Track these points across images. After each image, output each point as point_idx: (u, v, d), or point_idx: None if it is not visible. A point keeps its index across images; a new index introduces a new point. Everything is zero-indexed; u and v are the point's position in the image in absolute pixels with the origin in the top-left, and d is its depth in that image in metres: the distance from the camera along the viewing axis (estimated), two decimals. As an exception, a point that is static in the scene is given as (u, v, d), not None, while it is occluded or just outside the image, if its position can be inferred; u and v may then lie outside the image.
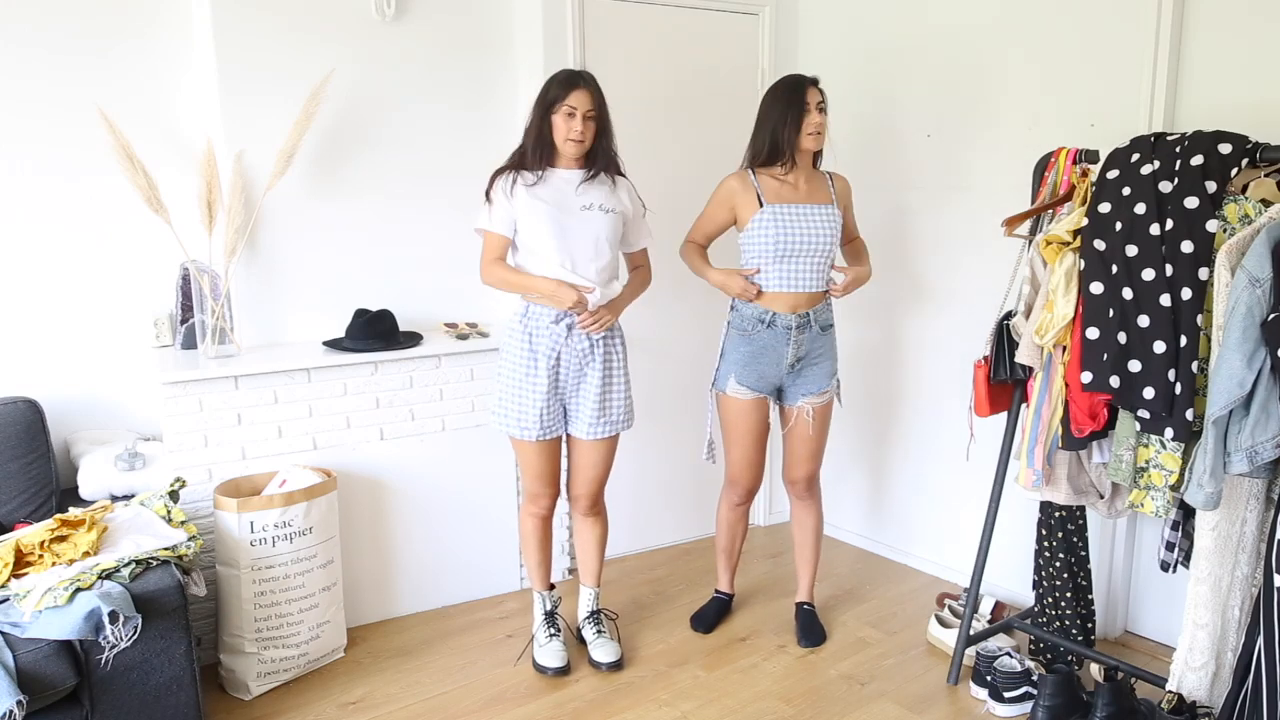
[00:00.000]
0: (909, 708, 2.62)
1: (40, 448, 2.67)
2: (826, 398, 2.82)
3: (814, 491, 2.98)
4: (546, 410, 2.64)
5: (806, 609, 3.04)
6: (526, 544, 2.89)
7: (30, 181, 2.85)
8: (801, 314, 2.72)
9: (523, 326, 2.64)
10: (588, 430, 2.69)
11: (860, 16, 3.51)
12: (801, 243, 2.68)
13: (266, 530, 2.63)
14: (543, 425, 2.65)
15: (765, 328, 2.73)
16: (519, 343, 2.63)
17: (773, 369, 2.76)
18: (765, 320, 2.72)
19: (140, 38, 2.94)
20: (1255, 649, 1.99)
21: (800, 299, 2.72)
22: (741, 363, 2.77)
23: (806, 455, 2.88)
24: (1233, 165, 2.07)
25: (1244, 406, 1.94)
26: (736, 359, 2.77)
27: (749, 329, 2.74)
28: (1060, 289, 2.30)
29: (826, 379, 2.80)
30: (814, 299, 2.74)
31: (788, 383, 2.81)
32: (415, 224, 3.27)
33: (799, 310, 2.72)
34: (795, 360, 2.75)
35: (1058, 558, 2.67)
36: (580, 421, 2.69)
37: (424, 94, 3.24)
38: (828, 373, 2.80)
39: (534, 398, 2.62)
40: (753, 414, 2.82)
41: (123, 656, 2.12)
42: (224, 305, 2.90)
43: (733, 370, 2.78)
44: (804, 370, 2.78)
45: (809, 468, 2.90)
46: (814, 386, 2.79)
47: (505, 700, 2.67)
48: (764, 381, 2.78)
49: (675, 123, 3.53)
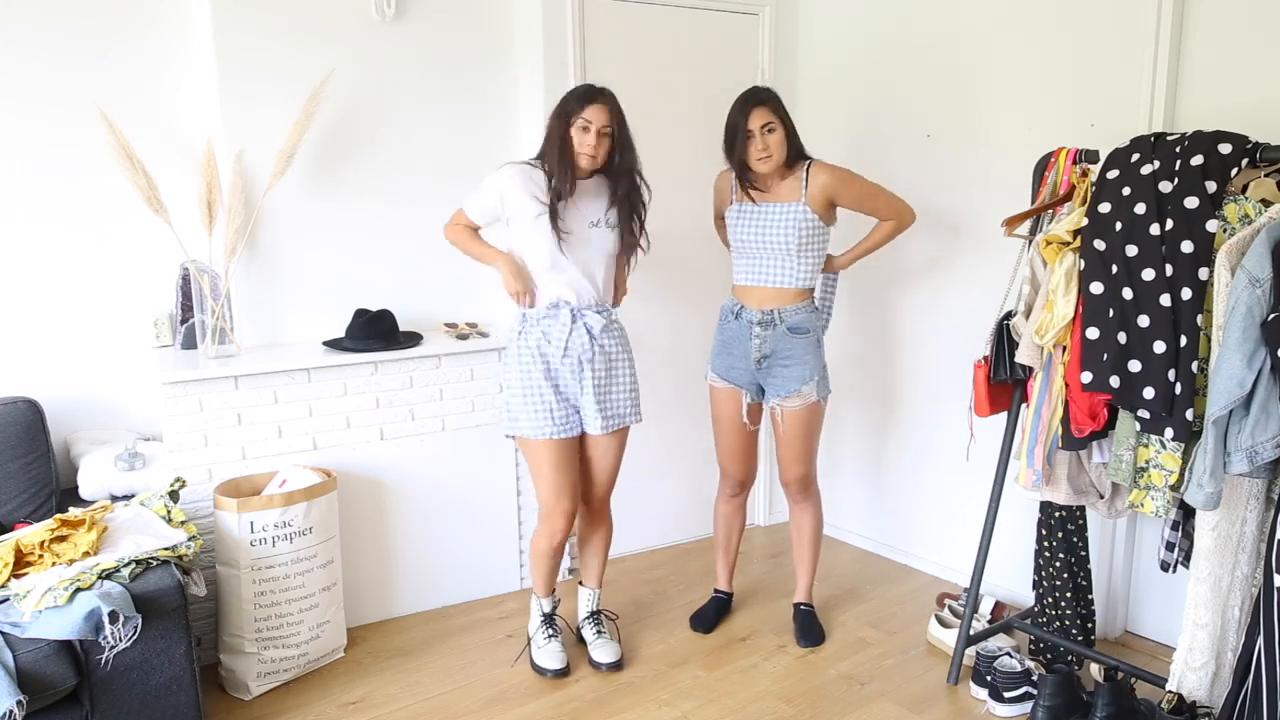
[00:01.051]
0: (909, 708, 2.62)
1: (40, 448, 2.67)
2: (798, 403, 2.79)
3: (808, 494, 2.97)
4: (557, 406, 2.63)
5: (805, 609, 3.04)
6: (537, 563, 2.82)
7: (30, 181, 2.85)
8: (766, 310, 2.75)
9: (523, 328, 2.65)
10: (594, 423, 2.68)
11: (860, 16, 3.51)
12: (757, 240, 2.74)
13: (266, 530, 2.63)
14: (555, 421, 2.63)
15: (734, 319, 2.83)
16: (520, 345, 2.65)
17: (741, 362, 2.82)
18: (735, 312, 2.83)
19: (140, 38, 2.94)
20: (1255, 649, 1.99)
21: (766, 295, 2.76)
22: (716, 351, 2.89)
23: (790, 459, 2.88)
24: (1233, 165, 2.07)
25: (1244, 406, 1.93)
26: (715, 347, 2.90)
27: (723, 319, 2.87)
28: (1060, 289, 2.30)
29: (796, 383, 2.77)
30: (781, 297, 2.75)
31: (761, 380, 2.83)
32: (415, 224, 3.27)
33: (765, 306, 2.76)
34: (760, 357, 2.78)
35: (1058, 558, 2.67)
36: (588, 416, 2.69)
37: (424, 94, 3.24)
38: (798, 377, 2.77)
39: (544, 394, 2.62)
40: (726, 403, 2.89)
41: (123, 656, 2.12)
42: (224, 305, 2.90)
43: (711, 358, 2.91)
44: (773, 370, 2.79)
45: (796, 470, 2.90)
46: (782, 389, 2.79)
47: (505, 700, 2.67)
48: (734, 373, 2.84)
49: (675, 123, 3.53)
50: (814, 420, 2.85)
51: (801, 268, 2.74)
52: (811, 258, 2.75)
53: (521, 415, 2.64)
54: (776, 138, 2.67)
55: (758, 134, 2.65)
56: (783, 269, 2.74)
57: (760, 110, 2.65)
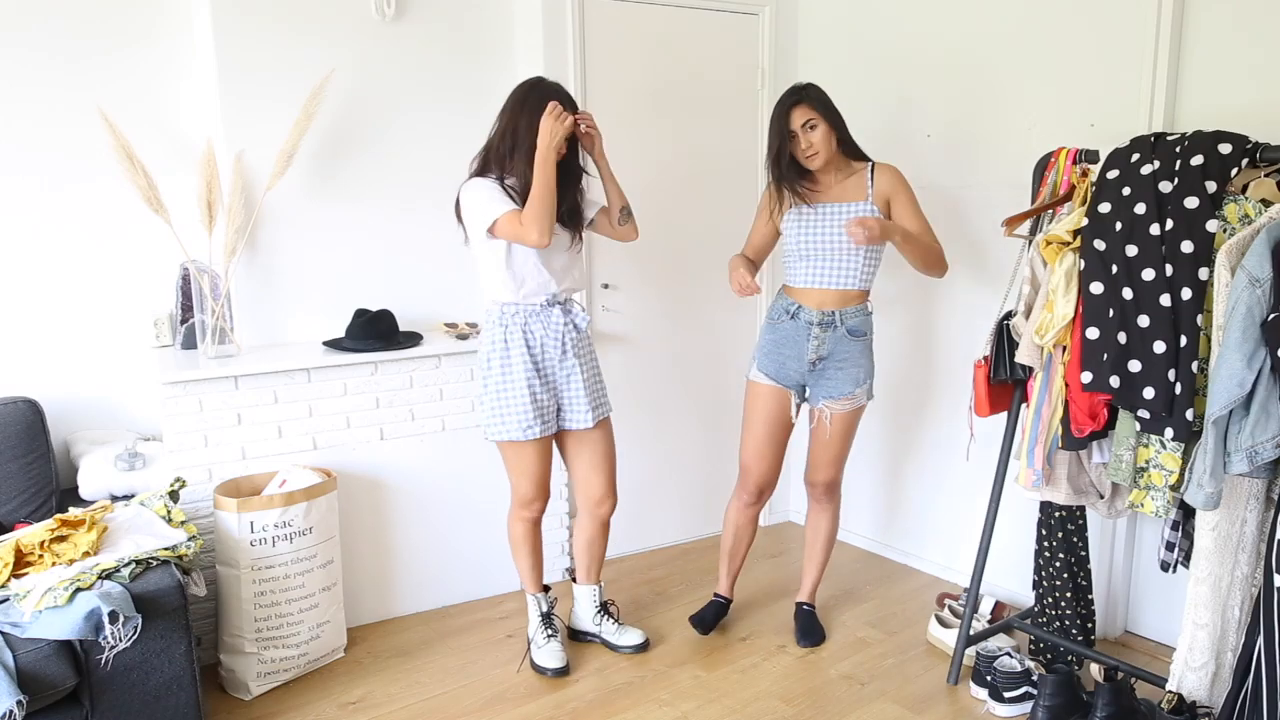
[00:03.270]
0: (909, 708, 2.62)
1: (40, 448, 2.67)
2: (848, 405, 2.78)
3: (833, 497, 2.98)
4: (541, 403, 2.63)
5: (806, 609, 3.04)
6: (518, 549, 2.86)
7: (31, 182, 2.85)
8: (826, 311, 2.71)
9: (499, 323, 2.62)
10: (584, 417, 2.69)
11: (860, 16, 3.51)
12: (821, 242, 2.69)
13: (266, 530, 2.63)
14: (542, 420, 2.64)
15: (789, 319, 2.76)
16: (495, 344, 2.62)
17: (794, 362, 2.77)
18: (790, 312, 2.76)
19: (141, 40, 2.94)
20: (1255, 649, 1.99)
21: (826, 296, 2.72)
22: (765, 350, 2.82)
23: (827, 460, 2.87)
24: (1233, 165, 2.07)
25: (1244, 406, 1.93)
26: (763, 346, 2.83)
27: (775, 318, 2.80)
28: (1060, 289, 2.30)
29: (850, 385, 2.76)
30: (843, 299, 2.72)
31: (810, 381, 2.80)
32: (415, 224, 3.27)
33: (825, 308, 2.72)
34: (816, 358, 2.74)
35: (1058, 558, 2.67)
36: (578, 410, 2.69)
37: (424, 94, 3.24)
38: (852, 379, 2.76)
39: (528, 392, 2.61)
40: (769, 402, 2.83)
41: (123, 656, 2.12)
42: (224, 305, 2.90)
43: (758, 356, 2.84)
44: (826, 371, 2.76)
45: (828, 473, 2.90)
46: (835, 390, 2.77)
47: (505, 700, 2.67)
48: (784, 373, 2.79)
49: (675, 123, 3.53)
50: (856, 423, 2.85)
51: (866, 268, 2.70)
52: (874, 258, 2.72)
53: (507, 417, 2.62)
54: (819, 133, 2.63)
55: (800, 132, 2.63)
56: (847, 270, 2.69)
57: (800, 109, 2.63)
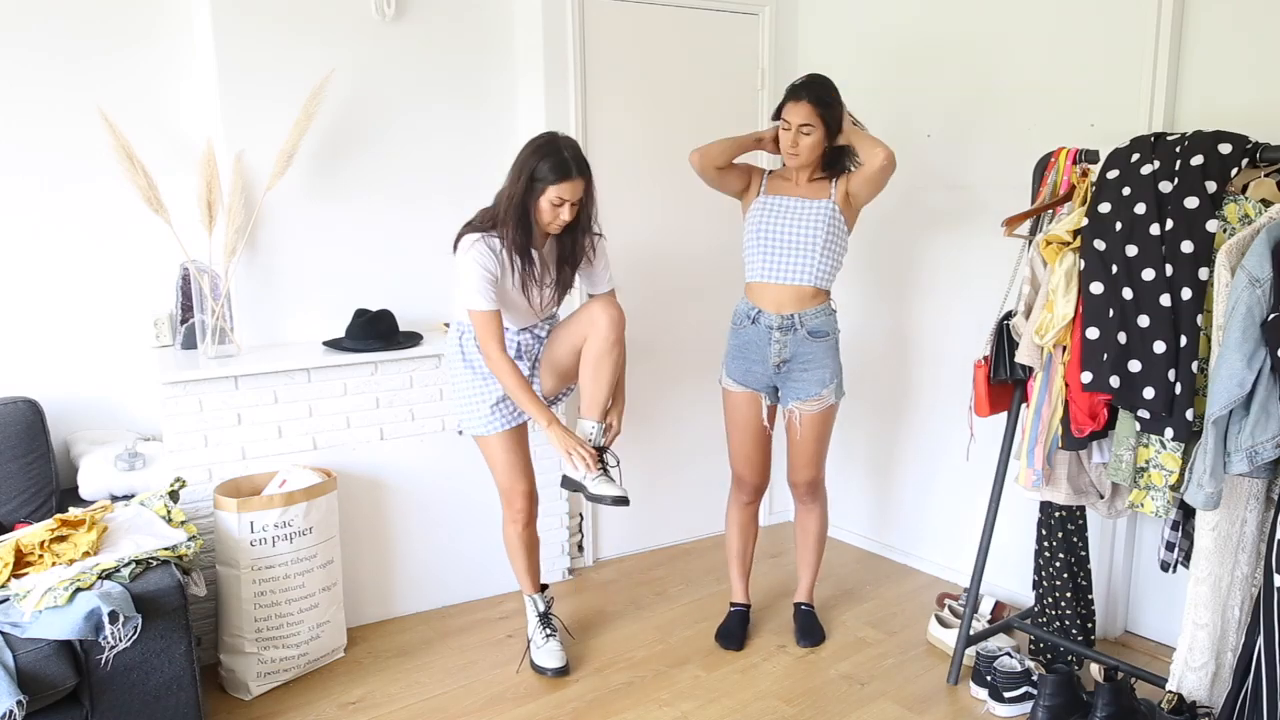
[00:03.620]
0: (909, 708, 2.62)
1: (40, 448, 2.67)
2: (817, 406, 2.76)
3: (817, 496, 2.97)
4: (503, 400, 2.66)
5: (805, 609, 3.04)
6: (513, 553, 2.88)
7: (31, 182, 2.85)
8: (785, 315, 2.69)
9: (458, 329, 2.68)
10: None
11: (860, 16, 3.51)
12: (780, 234, 2.67)
13: (266, 530, 2.63)
14: (505, 415, 2.68)
15: (750, 324, 2.75)
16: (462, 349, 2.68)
17: (759, 366, 2.76)
18: (751, 316, 2.75)
19: (141, 40, 2.94)
20: (1255, 649, 1.99)
21: (784, 296, 2.68)
22: (732, 355, 2.82)
23: (802, 461, 2.87)
24: (1233, 165, 2.07)
25: (1244, 406, 1.94)
26: (730, 351, 2.83)
27: (738, 323, 2.80)
28: (1060, 289, 2.30)
29: (817, 387, 2.74)
30: (799, 298, 2.68)
31: (779, 383, 2.79)
32: (415, 223, 3.27)
33: (783, 310, 2.69)
34: (780, 361, 2.73)
35: (1058, 558, 2.67)
36: None
37: (424, 94, 3.24)
38: (818, 380, 2.74)
39: (490, 391, 2.65)
40: (743, 408, 2.83)
41: (123, 656, 2.12)
42: (224, 305, 2.90)
43: (726, 362, 2.84)
44: (792, 373, 2.75)
45: (807, 474, 2.89)
46: (802, 392, 2.76)
47: (505, 700, 2.67)
48: (751, 377, 2.79)
49: (675, 123, 3.52)
50: (829, 422, 2.83)
51: (822, 265, 2.66)
52: (832, 257, 2.69)
53: (474, 414, 2.68)
54: (809, 141, 2.58)
55: (794, 129, 2.58)
56: (803, 266, 2.65)
57: (801, 107, 2.56)
